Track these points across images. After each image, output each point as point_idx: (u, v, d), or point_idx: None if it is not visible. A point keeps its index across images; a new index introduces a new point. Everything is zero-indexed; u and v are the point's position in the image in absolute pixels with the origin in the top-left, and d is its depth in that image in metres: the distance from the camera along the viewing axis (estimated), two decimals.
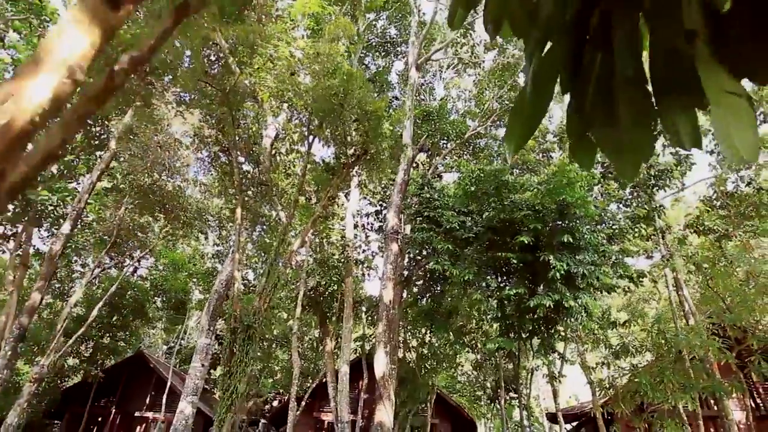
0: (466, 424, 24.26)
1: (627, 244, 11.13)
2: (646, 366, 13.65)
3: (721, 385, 11.73)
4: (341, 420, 11.41)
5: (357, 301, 15.77)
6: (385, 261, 9.70)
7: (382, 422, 7.83)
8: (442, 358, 17.23)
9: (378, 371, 8.27)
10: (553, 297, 9.69)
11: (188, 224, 14.22)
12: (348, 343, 12.37)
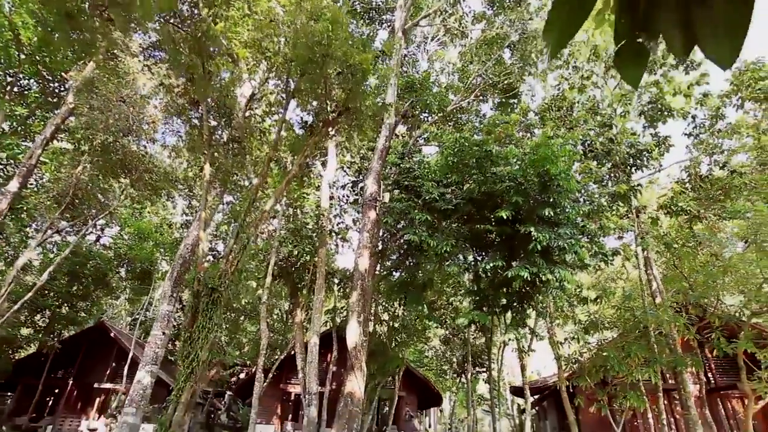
0: (432, 396, 24.74)
1: (604, 221, 11.14)
2: (612, 341, 13.97)
3: (682, 359, 12.10)
4: (309, 391, 11.17)
5: (329, 273, 15.41)
6: (361, 229, 9.31)
7: (352, 392, 7.57)
8: (412, 332, 17.23)
9: (350, 341, 7.97)
10: (530, 269, 9.59)
11: (154, 187, 13.33)
12: (319, 314, 12.04)
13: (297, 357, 12.88)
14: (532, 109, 17.65)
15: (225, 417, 27.80)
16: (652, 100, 14.75)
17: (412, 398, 23.02)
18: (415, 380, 22.27)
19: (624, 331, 13.47)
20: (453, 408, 33.30)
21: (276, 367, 18.89)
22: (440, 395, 25.93)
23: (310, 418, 10.91)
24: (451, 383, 32.27)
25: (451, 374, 30.13)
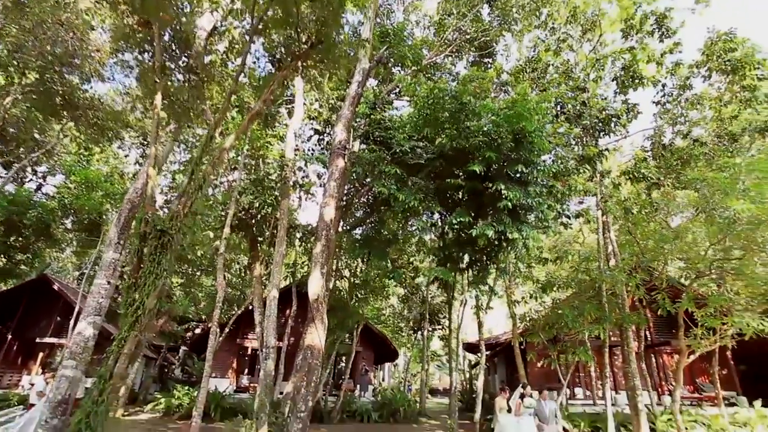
0: (389, 352, 25.38)
1: (572, 182, 11.21)
2: (566, 300, 14.50)
3: (629, 317, 12.73)
4: (267, 345, 10.90)
5: (291, 227, 14.88)
6: (329, 177, 8.79)
7: (313, 345, 7.32)
8: (372, 289, 17.22)
9: (312, 292, 7.64)
10: (497, 228, 9.54)
11: (100, 128, 12.02)
12: (279, 268, 11.61)
13: (255, 311, 12.51)
14: (506, 70, 17.28)
15: (179, 371, 27.44)
16: (625, 66, 14.70)
17: (369, 353, 23.48)
18: (373, 336, 22.63)
19: (578, 290, 13.97)
20: (407, 363, 34.49)
21: (233, 322, 18.52)
22: (397, 351, 26.63)
23: (267, 372, 10.71)
24: (406, 340, 33.25)
25: (408, 331, 31.00)
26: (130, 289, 5.45)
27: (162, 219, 5.78)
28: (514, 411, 8.07)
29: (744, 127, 14.00)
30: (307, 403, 6.92)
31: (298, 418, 6.78)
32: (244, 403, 15.19)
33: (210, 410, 15.10)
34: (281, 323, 18.66)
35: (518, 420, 8.03)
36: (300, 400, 6.90)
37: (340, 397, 16.93)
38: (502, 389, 9.85)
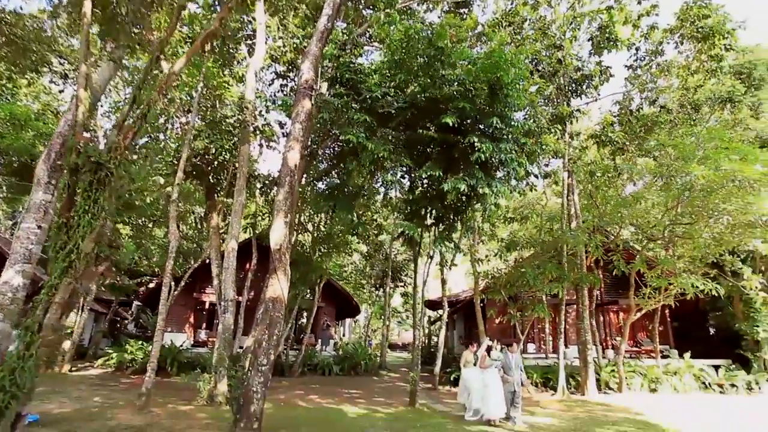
0: (351, 308, 25.55)
1: (544, 140, 11.06)
2: (528, 258, 14.80)
3: (586, 277, 13.15)
4: (225, 298, 10.39)
5: (251, 176, 14.02)
6: (293, 119, 8.06)
7: (275, 297, 6.89)
8: (336, 244, 16.86)
9: (274, 241, 7.12)
10: (468, 182, 9.26)
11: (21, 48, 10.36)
12: (238, 218, 10.93)
13: (212, 264, 11.86)
14: (481, 23, 16.56)
15: (133, 326, 26.50)
16: (602, 26, 14.40)
17: (331, 309, 23.51)
18: (335, 292, 22.57)
19: (540, 250, 14.23)
20: (368, 319, 35.07)
21: (189, 276, 17.73)
22: (359, 307, 26.84)
23: (226, 325, 10.27)
24: (368, 296, 33.64)
25: (369, 288, 31.31)
26: (60, 230, 4.72)
27: (98, 150, 4.98)
28: (479, 364, 8.12)
29: (709, 97, 14.23)
30: (269, 357, 6.57)
31: (259, 372, 6.44)
32: (202, 358, 14.78)
33: (166, 365, 14.66)
34: (240, 277, 18.04)
35: (483, 372, 8.12)
36: (261, 354, 6.53)
37: (302, 351, 16.85)
38: (469, 343, 9.94)
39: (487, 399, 7.76)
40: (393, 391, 13.26)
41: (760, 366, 14.70)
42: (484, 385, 7.90)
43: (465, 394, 8.55)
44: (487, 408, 7.75)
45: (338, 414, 8.87)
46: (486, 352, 8.23)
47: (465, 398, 8.51)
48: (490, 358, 8.12)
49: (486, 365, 8.10)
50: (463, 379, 8.68)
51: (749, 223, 11.44)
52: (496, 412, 7.69)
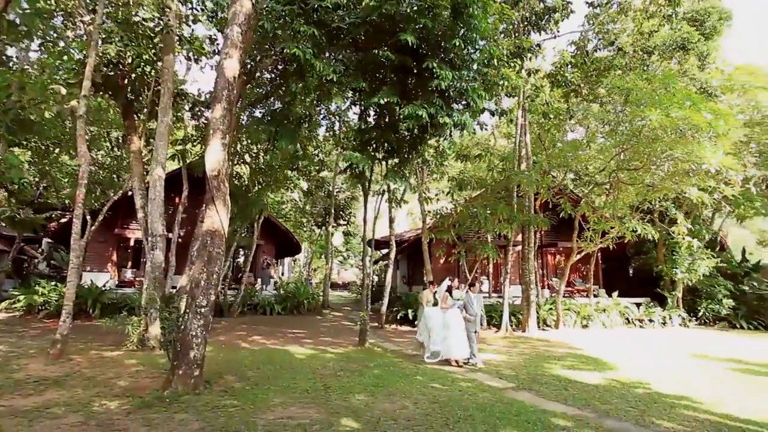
0: (291, 246, 24.78)
1: (504, 72, 10.44)
2: (477, 198, 14.67)
3: (534, 219, 13.31)
4: (153, 233, 9.13)
5: (179, 95, 12.14)
6: (230, 21, 6.64)
7: (214, 231, 5.92)
8: (277, 178, 15.64)
9: (211, 166, 6.02)
10: (428, 110, 8.49)
11: None
12: (164, 142, 9.39)
13: (135, 195, 10.32)
14: None
15: (44, 266, 23.85)
16: None
17: (271, 247, 22.60)
18: (275, 230, 21.59)
19: (491, 191, 14.11)
20: (309, 258, 34.60)
21: (108, 209, 15.77)
22: (300, 245, 26.12)
23: (155, 263, 9.10)
24: (308, 235, 32.97)
25: (310, 226, 30.53)
26: None
27: None
28: (441, 304, 7.82)
29: (664, 41, 14.22)
30: (209, 298, 5.72)
31: (198, 314, 5.60)
32: (129, 299, 13.46)
33: (87, 307, 13.24)
34: (170, 213, 16.43)
35: (445, 313, 7.84)
36: (200, 295, 5.66)
37: (241, 290, 16.01)
38: (430, 282, 9.61)
39: (449, 340, 7.55)
40: (339, 331, 13.03)
41: (674, 303, 16.28)
42: (446, 325, 7.66)
43: (425, 333, 8.31)
44: (448, 349, 7.56)
45: (285, 355, 8.35)
46: (447, 292, 7.89)
47: (425, 338, 8.29)
48: (452, 298, 7.83)
49: (448, 305, 7.82)
50: (424, 318, 8.40)
51: (686, 171, 11.93)
52: (457, 353, 7.50)
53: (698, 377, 7.12)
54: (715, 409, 5.16)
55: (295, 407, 4.88)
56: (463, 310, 7.77)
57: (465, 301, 7.78)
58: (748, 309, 16.14)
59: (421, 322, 8.49)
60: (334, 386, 5.91)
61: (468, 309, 7.83)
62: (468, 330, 7.72)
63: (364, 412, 4.75)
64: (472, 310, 7.86)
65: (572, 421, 4.56)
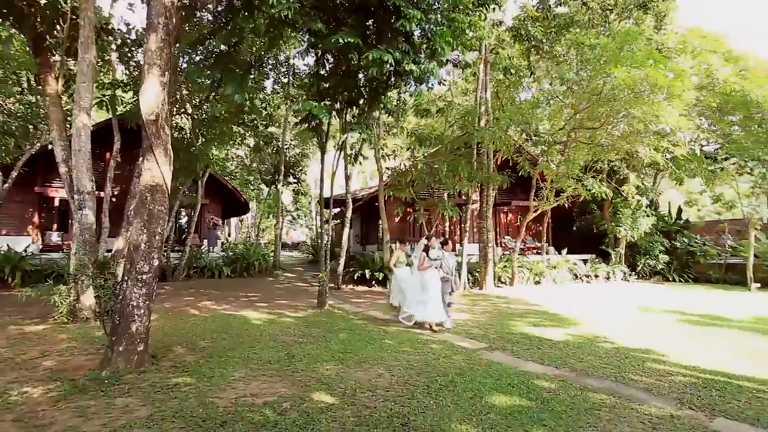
0: (239, 206, 23.48)
1: (473, 20, 9.81)
2: (434, 154, 14.26)
3: (494, 177, 13.20)
4: (80, 190, 7.90)
5: (103, 29, 10.42)
6: None
7: (154, 186, 5.06)
8: (222, 131, 14.31)
9: (148, 108, 5.07)
10: (393, 55, 7.79)
11: None
12: (87, 83, 7.98)
13: (56, 146, 8.87)
14: None
15: None
16: None
17: (217, 207, 21.27)
18: (221, 188, 20.25)
19: (452, 147, 13.75)
20: (258, 218, 33.24)
21: (25, 164, 13.85)
22: (248, 205, 24.84)
23: (85, 224, 7.93)
24: (256, 194, 31.58)
25: (258, 185, 29.09)
26: None
27: None
28: (419, 265, 7.39)
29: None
30: (152, 262, 4.94)
31: (139, 282, 4.83)
32: (56, 265, 12.08)
33: (5, 275, 11.72)
34: (101, 170, 14.70)
35: (422, 274, 7.38)
36: (140, 259, 4.86)
37: (185, 252, 14.91)
38: (400, 240, 9.17)
39: (426, 303, 7.15)
40: (295, 293, 12.52)
41: (617, 259, 17.22)
42: (423, 287, 7.25)
43: (399, 296, 7.93)
44: (424, 312, 7.17)
45: (241, 321, 7.76)
46: (424, 251, 7.46)
47: (399, 300, 7.94)
48: (429, 258, 7.37)
49: (426, 266, 7.36)
50: (397, 280, 8.00)
51: (641, 131, 12.18)
52: (434, 316, 7.15)
53: (653, 330, 7.40)
54: (682, 362, 5.29)
55: (259, 381, 4.39)
56: (440, 269, 7.41)
57: (442, 260, 7.43)
58: (679, 263, 17.44)
59: (393, 284, 8.09)
60: (299, 355, 5.45)
61: (444, 268, 7.49)
62: (443, 290, 7.40)
63: (336, 383, 4.35)
64: (448, 269, 7.52)
65: (555, 382, 4.44)
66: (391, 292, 8.31)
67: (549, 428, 3.31)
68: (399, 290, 7.83)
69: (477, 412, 3.61)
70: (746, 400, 3.99)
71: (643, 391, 4.23)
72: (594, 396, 4.04)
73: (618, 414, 3.62)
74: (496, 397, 3.98)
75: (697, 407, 3.81)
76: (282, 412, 3.57)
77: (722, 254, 16.92)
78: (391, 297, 8.26)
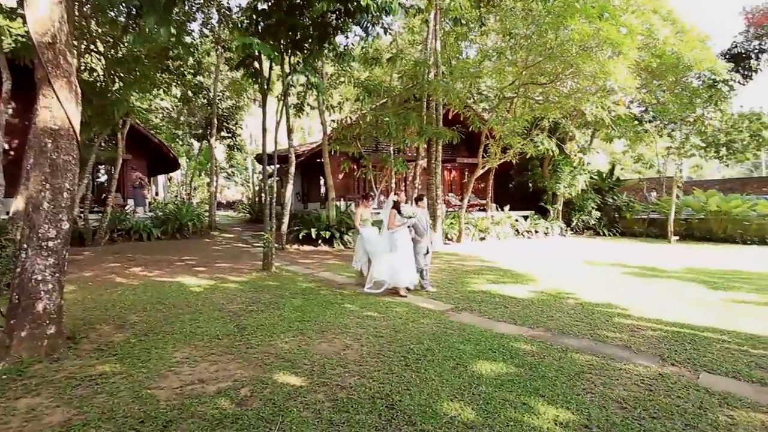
0: (167, 162, 21.31)
1: None
2: (382, 106, 13.54)
3: (444, 132, 12.80)
4: None
5: None
6: None
7: (56, 128, 3.98)
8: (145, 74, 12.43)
9: (39, 27, 3.87)
10: None
11: None
12: None
13: None
14: None
15: None
16: None
17: (141, 163, 19.09)
18: (145, 142, 18.08)
19: (400, 99, 13.08)
20: (190, 175, 30.72)
21: None
22: (177, 161, 22.63)
23: None
24: (186, 149, 29.04)
25: (187, 140, 26.61)
26: None
27: None
28: (388, 224, 6.62)
29: None
30: (60, 225, 3.93)
31: (45, 250, 3.84)
32: None
33: None
34: None
35: (392, 234, 6.66)
36: (43, 221, 3.84)
37: (106, 213, 13.21)
38: (364, 197, 8.25)
39: (396, 266, 6.46)
40: (236, 255, 11.59)
41: (554, 215, 17.92)
42: (393, 248, 6.58)
43: (363, 259, 7.24)
44: (395, 276, 6.50)
45: (178, 289, 6.87)
46: (394, 208, 6.65)
47: (363, 264, 7.26)
48: (401, 216, 6.61)
49: (397, 225, 6.56)
50: (361, 241, 7.25)
51: (588, 87, 12.25)
52: (406, 280, 6.51)
53: (605, 283, 7.60)
54: (645, 315, 5.38)
55: (207, 363, 3.73)
56: (412, 230, 6.75)
57: (417, 218, 6.73)
58: (609, 219, 18.60)
59: (357, 246, 7.34)
60: (250, 326, 4.81)
61: (418, 228, 6.84)
62: (418, 251, 6.79)
63: (299, 359, 3.81)
64: (422, 228, 6.90)
65: (534, 344, 4.23)
66: (355, 256, 7.47)
67: (547, 398, 3.05)
68: (364, 253, 7.18)
69: (466, 385, 3.27)
70: (717, 352, 4.03)
71: (622, 348, 4.15)
72: (578, 357, 3.87)
73: (609, 376, 3.46)
74: (480, 364, 3.67)
75: (679, 363, 3.77)
76: (241, 402, 2.98)
77: (646, 210, 18.24)
78: (354, 260, 7.48)
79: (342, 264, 10.10)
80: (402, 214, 6.58)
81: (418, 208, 6.92)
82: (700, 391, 3.19)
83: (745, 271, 8.99)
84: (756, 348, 4.17)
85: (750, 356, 3.94)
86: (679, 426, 2.70)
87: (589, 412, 2.85)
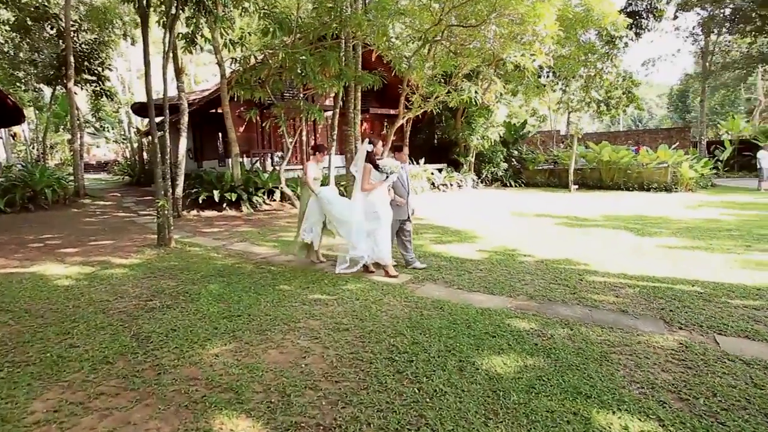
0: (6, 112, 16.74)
1: None
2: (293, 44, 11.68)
3: (366, 77, 11.48)
4: None
5: None
6: None
7: None
8: None
9: None
10: None
11: None
12: None
13: None
14: None
15: None
16: None
17: None
18: None
19: (318, 35, 11.35)
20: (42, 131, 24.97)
21: None
22: (21, 111, 17.92)
23: None
24: (33, 97, 23.48)
25: (33, 83, 21.27)
26: None
27: None
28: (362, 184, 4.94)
29: None
30: None
31: None
32: None
33: None
34: None
35: (367, 196, 5.01)
36: None
37: None
38: (316, 149, 6.02)
39: (380, 238, 4.99)
40: (118, 228, 9.37)
41: (468, 167, 17.98)
42: (373, 216, 5.02)
43: (317, 228, 5.54)
44: (381, 252, 4.98)
45: (36, 285, 4.94)
46: (369, 162, 4.99)
47: (316, 236, 5.58)
48: (379, 172, 4.97)
49: (373, 184, 5.00)
50: (324, 205, 5.41)
51: (512, 34, 11.80)
52: (388, 255, 5.04)
53: (546, 237, 7.37)
54: (609, 270, 5.09)
55: (94, 415, 2.35)
56: (391, 189, 5.26)
57: (399, 175, 5.18)
58: (514, 171, 19.32)
59: (309, 211, 5.54)
60: (156, 335, 3.41)
61: (398, 187, 5.31)
62: (395, 218, 5.28)
63: (245, 384, 2.61)
64: (403, 189, 5.39)
65: (529, 320, 3.55)
66: (304, 224, 5.63)
67: (596, 400, 2.34)
68: (319, 221, 5.52)
69: (491, 395, 2.41)
70: (707, 308, 3.77)
71: (619, 313, 3.68)
72: (587, 332, 3.27)
73: (634, 353, 2.91)
74: (489, 358, 2.86)
75: (685, 326, 3.39)
76: None
77: (548, 161, 19.25)
78: (302, 230, 5.64)
79: (257, 231, 8.67)
80: (381, 169, 5.00)
81: (397, 161, 5.21)
82: (735, 362, 2.78)
83: (649, 217, 9.50)
84: (732, 298, 4.03)
85: (736, 309, 3.74)
86: (761, 418, 2.19)
87: (656, 413, 2.22)
